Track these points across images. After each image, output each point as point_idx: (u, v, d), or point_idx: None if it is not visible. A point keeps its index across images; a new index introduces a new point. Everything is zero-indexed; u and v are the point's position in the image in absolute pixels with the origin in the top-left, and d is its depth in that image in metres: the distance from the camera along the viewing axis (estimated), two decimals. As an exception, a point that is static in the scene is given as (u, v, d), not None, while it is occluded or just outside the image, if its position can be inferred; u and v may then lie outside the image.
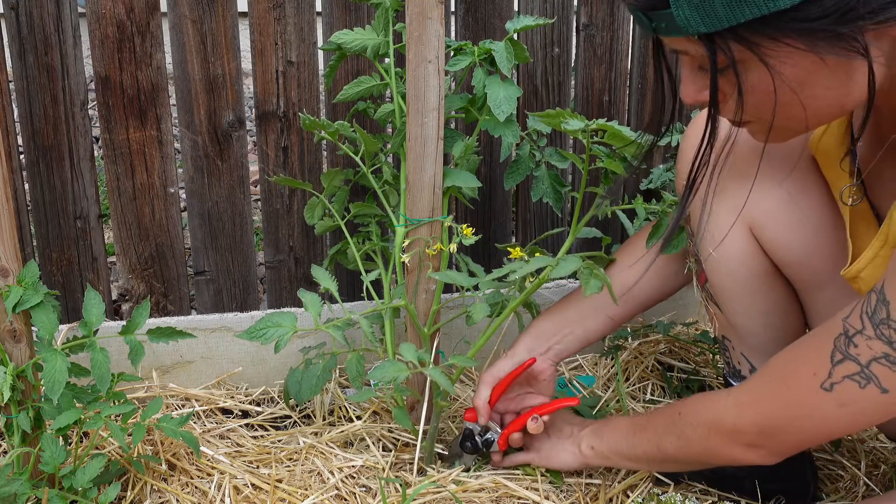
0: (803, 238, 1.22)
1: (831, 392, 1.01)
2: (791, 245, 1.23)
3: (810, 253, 1.23)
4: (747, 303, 1.31)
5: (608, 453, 1.35)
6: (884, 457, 1.53)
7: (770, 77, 0.92)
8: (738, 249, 1.27)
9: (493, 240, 1.83)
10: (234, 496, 1.37)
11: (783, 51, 0.89)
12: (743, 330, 1.34)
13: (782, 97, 0.93)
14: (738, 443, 1.13)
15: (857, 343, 0.98)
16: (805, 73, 0.91)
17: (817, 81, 0.92)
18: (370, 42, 1.47)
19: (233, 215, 1.68)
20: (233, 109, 1.62)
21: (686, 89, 1.01)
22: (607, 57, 1.79)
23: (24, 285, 1.26)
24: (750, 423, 1.11)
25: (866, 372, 0.97)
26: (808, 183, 1.21)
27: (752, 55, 0.91)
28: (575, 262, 1.26)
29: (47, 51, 1.52)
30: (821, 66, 0.90)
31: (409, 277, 1.45)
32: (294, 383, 1.53)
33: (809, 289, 1.28)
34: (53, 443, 1.25)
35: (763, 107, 0.95)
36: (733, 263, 1.29)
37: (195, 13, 1.56)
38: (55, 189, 1.59)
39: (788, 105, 0.94)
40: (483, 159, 1.74)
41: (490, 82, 1.41)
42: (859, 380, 0.98)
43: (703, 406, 1.20)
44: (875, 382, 0.97)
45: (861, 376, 0.98)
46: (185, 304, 1.72)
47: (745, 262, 1.28)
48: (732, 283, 1.31)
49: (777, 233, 1.23)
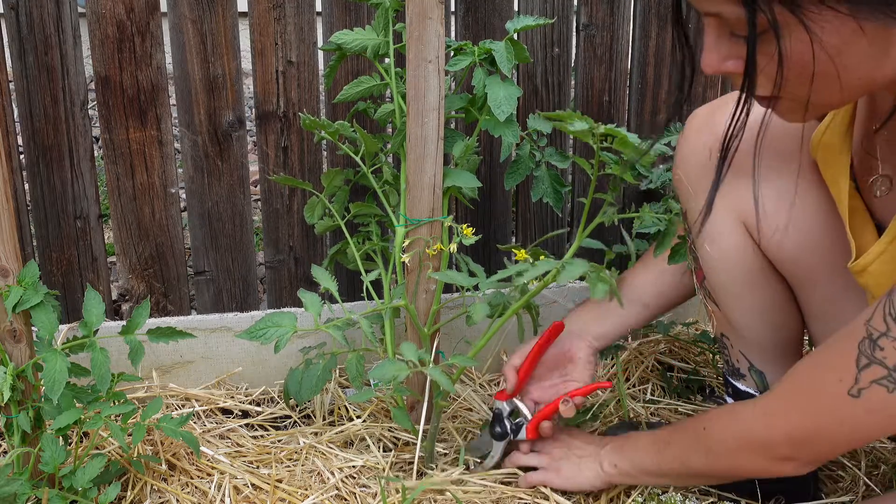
0: (796, 235, 1.22)
1: (859, 398, 0.98)
2: (784, 243, 1.23)
3: (804, 251, 1.23)
4: (744, 299, 1.31)
5: (632, 471, 1.32)
6: (884, 457, 1.53)
7: (810, 43, 0.87)
8: (733, 246, 1.27)
9: (493, 240, 1.83)
10: (234, 496, 1.37)
11: (825, 15, 0.85)
12: (740, 327, 1.34)
13: (820, 68, 0.89)
14: (769, 456, 1.11)
15: (883, 346, 0.95)
16: (843, 41, 0.87)
17: (854, 51, 0.88)
18: (370, 42, 1.47)
19: (233, 215, 1.68)
20: (233, 109, 1.62)
21: (708, 57, 0.95)
22: (607, 57, 1.79)
23: (24, 285, 1.26)
24: (781, 435, 1.08)
25: (894, 375, 0.95)
26: (803, 181, 1.21)
27: (793, 18, 0.86)
28: (582, 265, 1.26)
29: (47, 51, 1.52)
30: (859, 35, 0.87)
31: (409, 277, 1.45)
32: (294, 383, 1.53)
33: (804, 286, 1.28)
34: (53, 443, 1.25)
35: (799, 77, 0.91)
36: (730, 260, 1.29)
37: (195, 13, 1.56)
38: (55, 189, 1.59)
39: (825, 76, 0.90)
40: (483, 159, 1.74)
41: (490, 82, 1.41)
42: (887, 384, 0.96)
43: (730, 420, 1.18)
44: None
45: (889, 380, 0.96)
46: (185, 304, 1.72)
47: (741, 259, 1.28)
48: (729, 280, 1.31)
49: (770, 230, 1.23)
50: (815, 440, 1.06)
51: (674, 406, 1.70)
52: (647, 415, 1.67)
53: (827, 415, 1.03)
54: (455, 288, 1.70)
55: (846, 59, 0.89)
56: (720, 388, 1.76)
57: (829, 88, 0.92)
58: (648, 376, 1.80)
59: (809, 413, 1.05)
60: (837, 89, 0.92)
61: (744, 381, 1.40)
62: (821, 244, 1.22)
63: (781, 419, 1.08)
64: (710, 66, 0.95)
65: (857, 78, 0.91)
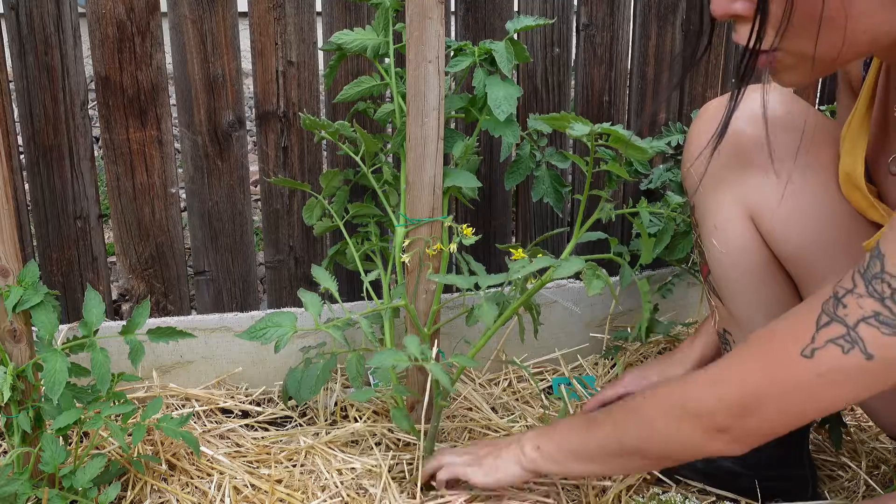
0: (801, 230, 1.22)
1: (811, 359, 0.92)
2: (789, 237, 1.23)
3: (808, 246, 1.23)
4: (749, 294, 1.31)
5: (557, 454, 1.18)
6: (884, 457, 1.53)
7: None
8: (740, 239, 1.27)
9: (493, 240, 1.83)
10: (234, 496, 1.37)
11: None
12: (744, 322, 1.34)
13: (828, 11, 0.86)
14: (704, 426, 1.02)
15: (847, 303, 0.90)
16: None
17: None
18: (370, 42, 1.47)
19: (233, 215, 1.68)
20: (233, 109, 1.62)
21: None
22: (607, 57, 1.79)
23: (24, 285, 1.26)
24: (718, 399, 1.00)
25: (852, 335, 0.89)
26: (811, 176, 1.21)
27: None
28: (578, 263, 1.26)
29: (47, 51, 1.52)
30: None
31: (409, 277, 1.45)
32: (294, 383, 1.53)
33: (808, 283, 1.27)
34: (53, 443, 1.25)
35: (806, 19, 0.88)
36: (735, 254, 1.29)
37: (195, 13, 1.56)
38: (55, 189, 1.59)
39: (831, 24, 0.87)
40: (483, 159, 1.74)
41: (490, 82, 1.41)
42: (843, 343, 0.90)
43: (673, 387, 1.08)
44: (860, 346, 0.89)
45: (846, 339, 0.90)
46: (185, 304, 1.72)
47: (747, 253, 1.28)
48: (735, 274, 1.30)
49: (774, 224, 1.23)
50: (755, 408, 0.97)
51: (674, 406, 1.70)
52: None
53: (772, 378, 0.95)
54: (455, 288, 1.70)
55: (856, 5, 0.86)
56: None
57: (833, 39, 0.89)
58: (648, 376, 1.80)
59: (754, 376, 0.97)
60: (840, 41, 0.89)
61: None
62: (826, 239, 1.21)
63: (724, 384, 1.00)
64: (720, 5, 0.91)
65: (863, 31, 0.89)
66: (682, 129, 1.82)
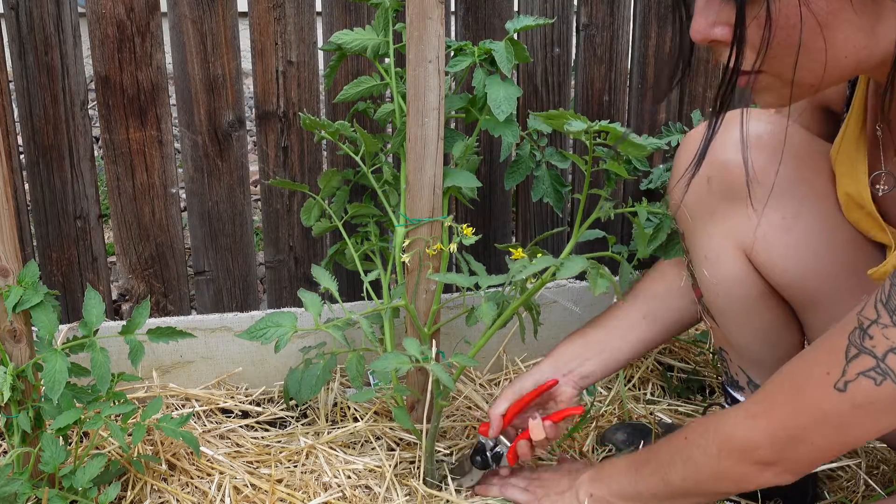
0: (798, 261, 1.19)
1: (845, 392, 0.93)
2: (787, 268, 1.20)
3: (807, 275, 1.20)
4: (743, 322, 1.29)
5: (610, 498, 1.24)
6: (884, 457, 1.53)
7: (798, 6, 0.86)
8: (732, 272, 1.25)
9: (493, 240, 1.83)
10: (234, 496, 1.37)
11: None
12: (739, 346, 1.33)
13: (806, 36, 0.88)
14: (750, 461, 1.05)
15: (873, 334, 0.91)
16: (831, 8, 0.86)
17: (841, 21, 0.87)
18: (370, 42, 1.47)
19: (233, 215, 1.68)
20: (233, 109, 1.62)
21: (697, 23, 0.93)
22: (607, 57, 1.79)
23: (24, 285, 1.26)
24: (762, 435, 1.02)
25: (882, 366, 0.90)
26: (806, 204, 1.19)
27: None
28: (581, 262, 1.25)
29: (47, 51, 1.52)
30: (847, 5, 0.86)
31: (409, 277, 1.45)
32: (294, 383, 1.53)
33: (807, 309, 1.24)
34: (53, 443, 1.25)
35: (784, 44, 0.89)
36: (728, 286, 1.26)
37: (195, 13, 1.56)
38: (55, 189, 1.59)
39: (810, 49, 0.89)
40: (483, 159, 1.74)
41: (490, 82, 1.41)
42: (875, 376, 0.91)
43: (712, 424, 1.11)
44: (892, 378, 0.90)
45: (877, 371, 0.90)
46: (185, 304, 1.72)
47: (741, 285, 1.25)
48: (728, 304, 1.28)
49: (772, 257, 1.20)
50: (799, 441, 1.00)
51: (674, 406, 1.70)
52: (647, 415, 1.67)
53: (811, 411, 0.97)
54: (455, 287, 1.70)
55: (834, 32, 0.88)
56: (720, 388, 1.76)
57: (814, 63, 0.90)
58: (648, 376, 1.80)
59: (792, 410, 0.99)
60: (821, 65, 0.90)
61: (743, 393, 1.38)
62: (825, 267, 1.19)
63: (764, 419, 1.02)
64: (698, 31, 0.93)
65: (845, 56, 0.90)
66: (683, 130, 1.82)
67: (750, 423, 1.04)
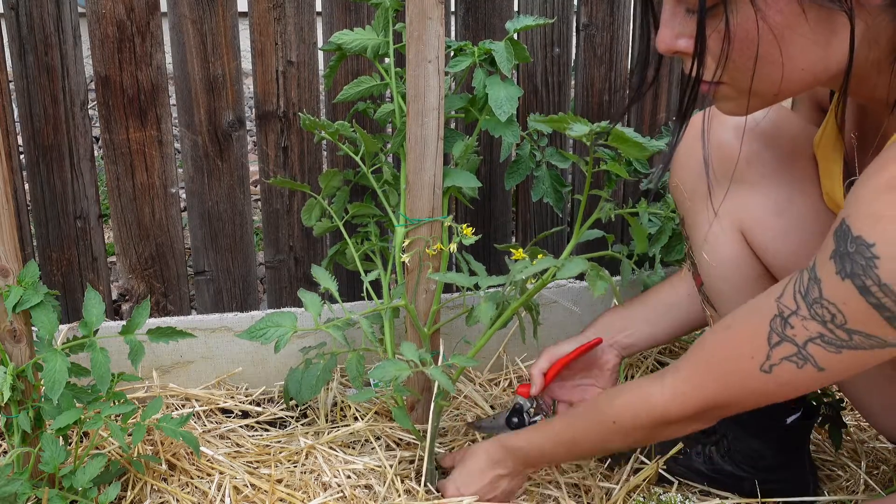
0: (791, 244, 1.21)
1: (771, 374, 1.01)
2: (779, 251, 1.22)
3: (799, 259, 1.20)
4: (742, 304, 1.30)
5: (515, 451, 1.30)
6: (884, 457, 1.53)
7: (755, 18, 0.91)
8: (731, 254, 1.27)
9: (493, 240, 1.83)
10: (234, 496, 1.37)
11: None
12: None
13: (763, 49, 0.92)
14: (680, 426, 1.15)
15: (793, 324, 0.97)
16: (786, 21, 0.90)
17: (797, 35, 0.91)
18: (370, 42, 1.47)
19: (233, 215, 1.68)
20: (233, 109, 1.62)
21: (662, 34, 0.98)
22: (607, 57, 1.79)
23: (24, 285, 1.26)
24: (693, 409, 1.11)
25: (803, 353, 0.98)
26: (798, 190, 1.21)
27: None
28: (581, 263, 1.25)
29: (47, 51, 1.52)
30: (802, 19, 0.90)
31: (409, 277, 1.45)
32: (294, 383, 1.53)
33: None
34: (53, 443, 1.25)
35: (743, 56, 0.94)
36: (727, 268, 1.28)
37: (195, 13, 1.56)
38: (55, 189, 1.59)
39: (768, 60, 0.93)
40: (483, 159, 1.74)
41: (491, 82, 1.41)
42: (797, 360, 0.99)
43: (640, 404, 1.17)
44: (812, 363, 0.98)
45: (798, 357, 0.98)
46: (185, 304, 1.72)
47: (739, 267, 1.27)
48: (726, 287, 1.29)
49: (766, 239, 1.23)
50: (724, 408, 1.10)
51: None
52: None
53: (738, 388, 1.06)
54: (455, 288, 1.70)
55: (790, 45, 0.92)
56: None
57: (772, 75, 0.95)
58: (648, 376, 1.80)
59: (721, 387, 1.08)
60: (779, 76, 0.95)
61: None
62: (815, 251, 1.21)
63: (693, 397, 1.10)
64: (663, 42, 0.98)
65: (800, 69, 0.94)
66: (682, 129, 1.82)
67: (681, 401, 1.12)
